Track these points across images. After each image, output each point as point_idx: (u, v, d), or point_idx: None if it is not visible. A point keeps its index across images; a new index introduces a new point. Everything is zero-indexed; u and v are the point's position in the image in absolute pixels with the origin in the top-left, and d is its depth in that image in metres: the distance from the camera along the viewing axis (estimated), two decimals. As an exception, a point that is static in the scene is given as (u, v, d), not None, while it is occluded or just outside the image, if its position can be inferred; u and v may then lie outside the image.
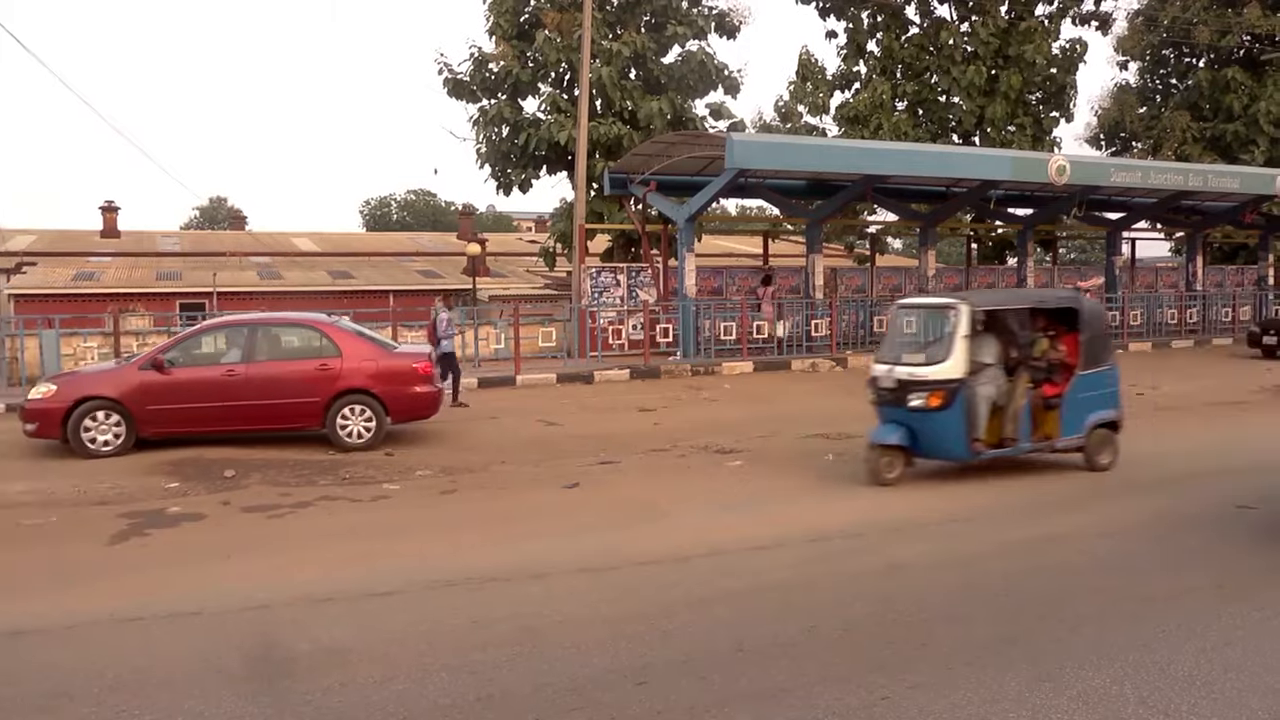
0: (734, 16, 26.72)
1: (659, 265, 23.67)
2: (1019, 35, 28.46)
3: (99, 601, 6.04)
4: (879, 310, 23.97)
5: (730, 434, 12.19)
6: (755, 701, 4.49)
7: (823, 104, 29.71)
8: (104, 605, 5.94)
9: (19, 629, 5.56)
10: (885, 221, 29.93)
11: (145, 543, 7.60)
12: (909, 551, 7.07)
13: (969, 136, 29.65)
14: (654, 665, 4.90)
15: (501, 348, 20.45)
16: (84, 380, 11.50)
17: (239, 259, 38.46)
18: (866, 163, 21.09)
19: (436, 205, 74.35)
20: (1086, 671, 4.75)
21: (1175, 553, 7.02)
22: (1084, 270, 30.50)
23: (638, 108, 24.86)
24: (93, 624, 5.64)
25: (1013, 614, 5.67)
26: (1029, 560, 6.83)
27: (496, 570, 6.58)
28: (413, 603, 5.96)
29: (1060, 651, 5.03)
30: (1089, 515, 8.11)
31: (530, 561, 6.79)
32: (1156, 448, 11.11)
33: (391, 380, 11.79)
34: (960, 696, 4.48)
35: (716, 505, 8.73)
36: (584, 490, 9.29)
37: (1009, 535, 7.54)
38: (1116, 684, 4.61)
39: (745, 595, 6.07)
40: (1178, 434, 12.31)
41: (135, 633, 5.53)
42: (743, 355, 20.86)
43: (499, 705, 4.46)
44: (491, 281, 36.59)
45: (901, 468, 9.26)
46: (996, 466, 9.63)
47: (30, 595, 6.27)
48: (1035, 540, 7.37)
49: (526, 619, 5.59)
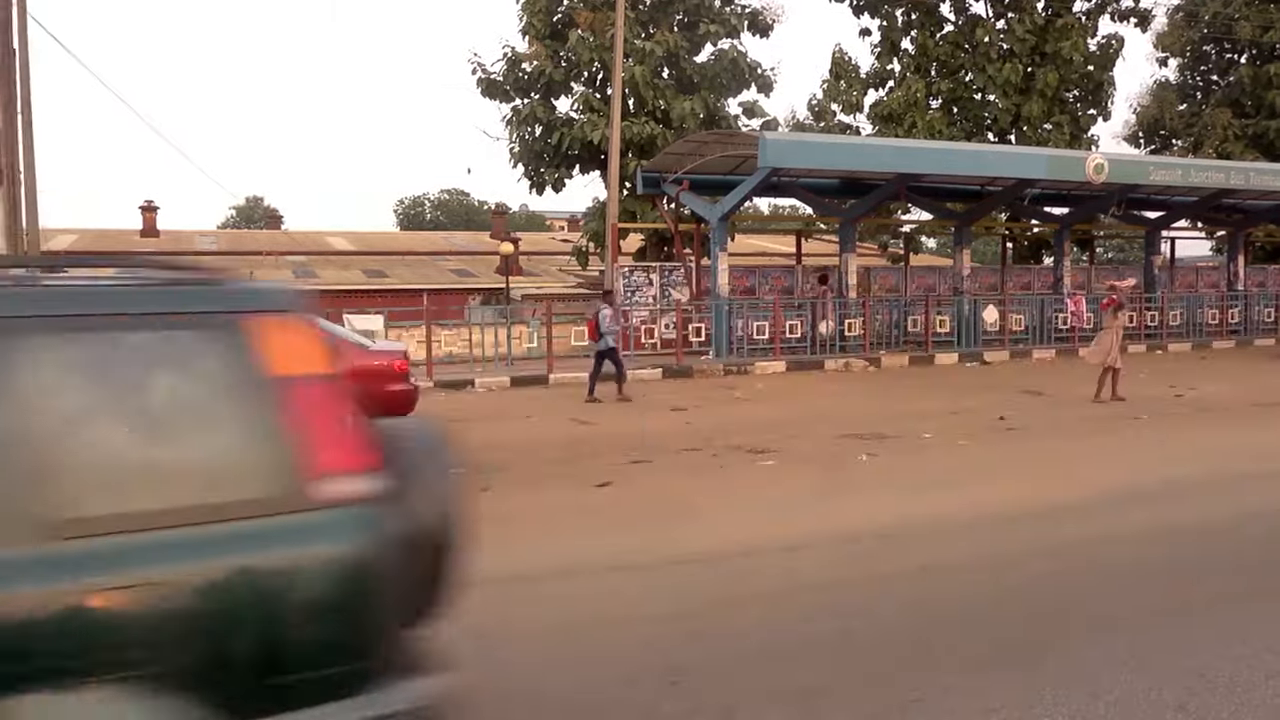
0: (767, 15, 26.70)
1: (691, 264, 23.67)
2: (1056, 32, 28.14)
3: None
4: (913, 310, 23.81)
5: (763, 433, 12.16)
6: (787, 701, 4.48)
7: (856, 102, 29.57)
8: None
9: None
10: (919, 221, 29.74)
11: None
12: (942, 552, 7.01)
13: (1005, 135, 29.37)
14: (686, 664, 4.90)
15: (535, 346, 20.53)
16: None
17: (275, 258, 38.90)
18: (900, 161, 20.97)
19: (470, 205, 74.78)
20: (1123, 676, 4.69)
21: (1215, 556, 6.92)
22: (1121, 270, 30.11)
23: (670, 107, 24.88)
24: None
25: (1047, 617, 5.61)
26: (1064, 562, 6.75)
27: (528, 569, 6.59)
28: (446, 600, 5.99)
29: (1096, 655, 4.97)
30: (1129, 517, 8.01)
31: (561, 560, 6.80)
32: (1199, 448, 10.97)
33: (366, 379, 11.76)
34: (994, 699, 4.44)
35: (749, 505, 8.71)
36: (616, 489, 9.30)
37: (1045, 537, 7.46)
38: (1155, 689, 4.54)
39: (777, 595, 6.05)
40: (1219, 435, 12.14)
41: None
42: (775, 355, 20.81)
43: (531, 703, 4.48)
44: (524, 280, 36.75)
45: None
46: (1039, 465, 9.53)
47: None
48: (1072, 542, 7.28)
49: (558, 617, 5.61)
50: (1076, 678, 4.67)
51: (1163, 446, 11.41)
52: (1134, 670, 4.75)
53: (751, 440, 11.72)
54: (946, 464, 10.47)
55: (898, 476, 9.87)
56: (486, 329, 20.29)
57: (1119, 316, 15.12)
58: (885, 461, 10.54)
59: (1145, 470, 9.91)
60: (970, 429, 12.48)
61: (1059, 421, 13.05)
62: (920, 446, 11.43)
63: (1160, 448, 11.33)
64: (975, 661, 4.91)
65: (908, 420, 13.19)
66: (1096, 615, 5.60)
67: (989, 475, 9.80)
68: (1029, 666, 4.83)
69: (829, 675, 4.79)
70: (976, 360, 22.03)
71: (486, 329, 20.29)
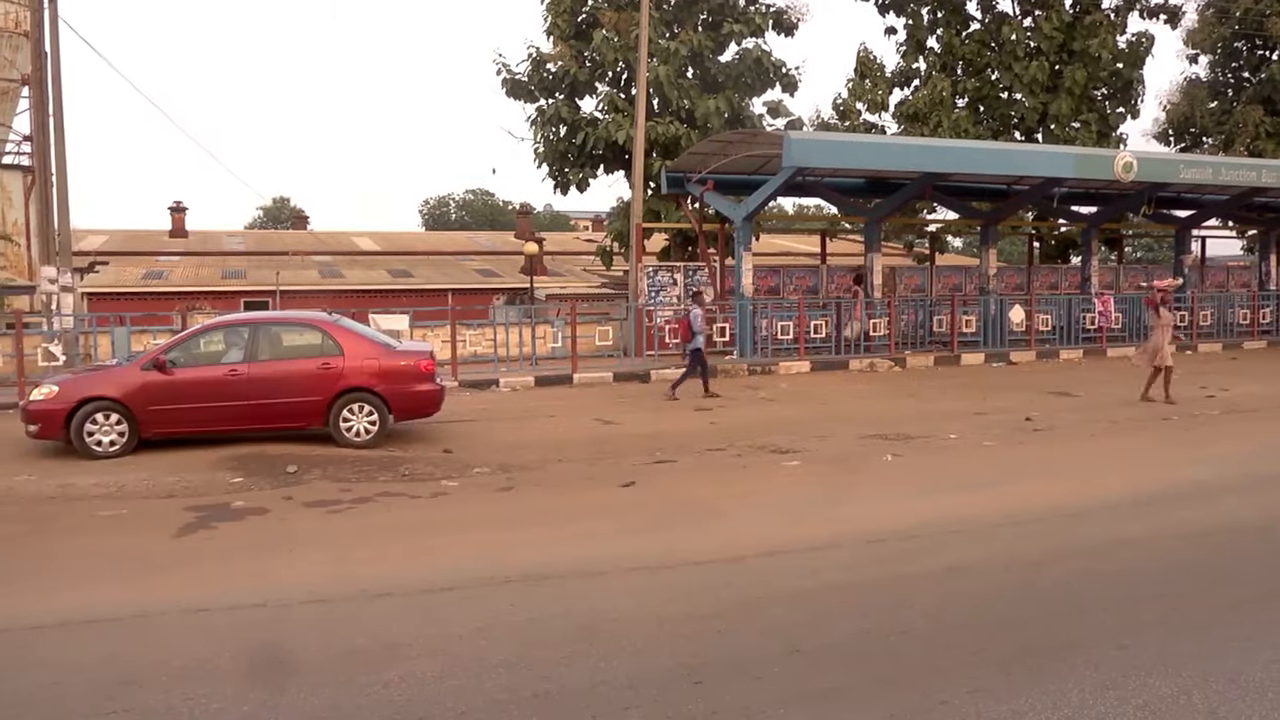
0: (792, 14, 26.62)
1: (716, 264, 23.64)
2: (1084, 29, 27.87)
3: (166, 592, 6.20)
4: (939, 310, 23.69)
5: (787, 434, 12.13)
6: (811, 703, 4.46)
7: (881, 101, 29.39)
8: (171, 595, 6.10)
9: (91, 617, 5.72)
10: (945, 220, 29.55)
11: (211, 535, 7.78)
12: (967, 554, 6.98)
13: (1031, 133, 29.13)
14: (709, 665, 4.89)
15: (559, 346, 20.57)
16: (86, 381, 11.43)
17: (301, 258, 39.16)
18: (926, 160, 20.85)
19: (494, 205, 75.01)
20: (1152, 680, 4.64)
21: (1246, 559, 6.84)
22: (1150, 269, 29.78)
23: (695, 106, 24.86)
24: (160, 614, 5.78)
25: (1074, 619, 5.57)
26: (1092, 564, 6.69)
27: (553, 568, 6.62)
28: (470, 599, 6.03)
29: (1124, 659, 4.93)
30: (1158, 519, 7.93)
31: (586, 560, 6.82)
32: (1228, 450, 10.85)
33: (394, 379, 11.82)
34: (1020, 703, 4.41)
35: (772, 505, 8.69)
36: (640, 489, 9.30)
37: (1072, 538, 7.40)
38: (1184, 694, 4.50)
39: (801, 596, 6.03)
40: (1250, 437, 11.99)
41: (201, 623, 5.66)
42: (800, 355, 20.76)
43: (556, 702, 4.49)
44: (549, 280, 36.82)
45: None
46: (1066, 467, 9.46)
47: (102, 584, 6.45)
48: (1100, 544, 7.22)
49: (583, 617, 5.62)
50: (1104, 681, 4.63)
51: (1192, 448, 11.29)
52: (1163, 674, 4.70)
53: (775, 440, 11.70)
54: (972, 465, 10.42)
55: (923, 477, 9.82)
56: (511, 329, 20.32)
57: (1161, 314, 14.94)
58: (910, 462, 10.49)
59: (1174, 472, 9.81)
60: (996, 430, 12.40)
61: (1087, 423, 12.94)
62: (946, 447, 11.37)
63: (1190, 449, 11.21)
64: (1001, 664, 4.88)
65: (933, 421, 13.12)
66: (1125, 618, 5.55)
67: (1015, 476, 9.74)
68: (1056, 669, 4.79)
69: (852, 677, 4.77)
70: (1003, 360, 21.88)
71: (511, 329, 20.32)
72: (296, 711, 4.43)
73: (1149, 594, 6.04)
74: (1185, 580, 6.34)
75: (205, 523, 8.12)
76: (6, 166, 33.77)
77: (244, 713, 4.41)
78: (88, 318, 21.00)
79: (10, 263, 31.75)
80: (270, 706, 4.48)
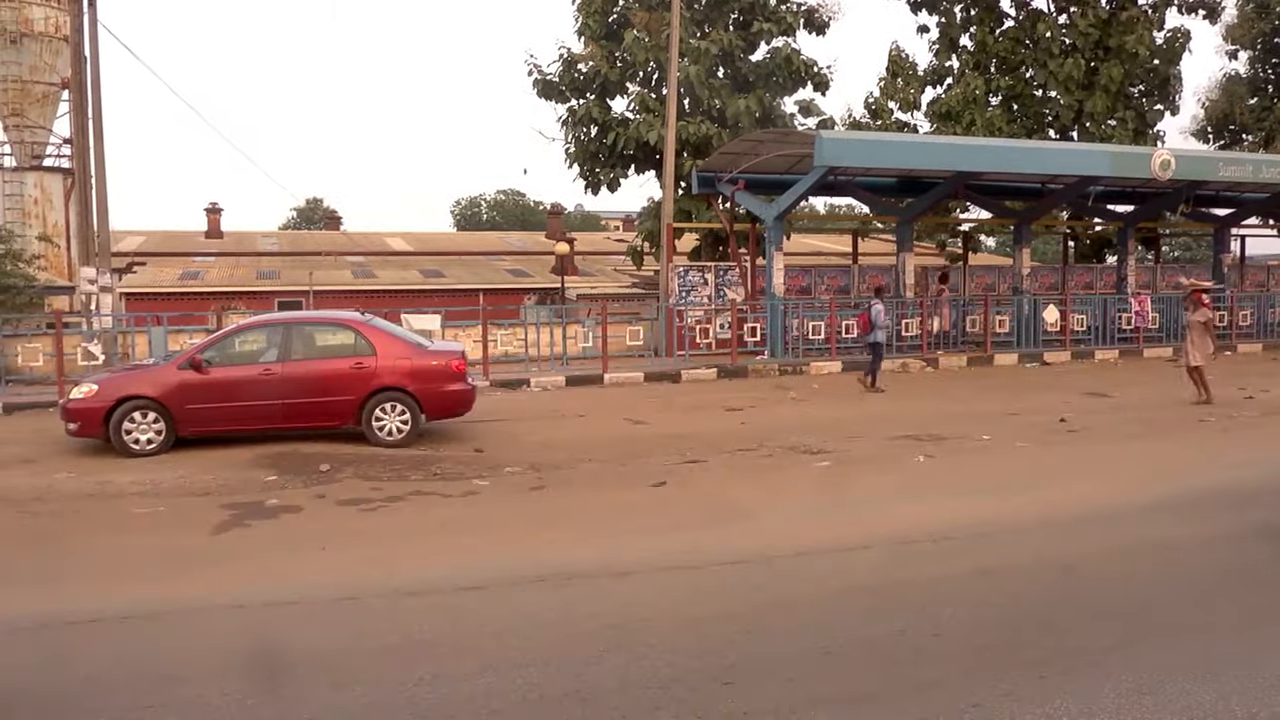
0: (823, 12, 26.51)
1: (747, 264, 23.58)
2: (1120, 25, 27.50)
3: (204, 588, 6.27)
4: (972, 310, 23.50)
5: (818, 434, 12.08)
6: (841, 705, 4.45)
7: (914, 100, 29.17)
8: (207, 592, 6.17)
9: (129, 613, 5.80)
10: (978, 219, 29.29)
11: (246, 533, 7.87)
12: (1001, 556, 6.92)
13: (1066, 132, 28.79)
14: (740, 665, 4.89)
15: (589, 346, 20.60)
16: (124, 380, 11.58)
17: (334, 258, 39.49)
18: (959, 159, 20.70)
19: (525, 205, 75.22)
20: (1190, 685, 4.58)
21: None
22: (1188, 269, 29.37)
23: (726, 106, 24.82)
24: (198, 610, 5.86)
25: (1110, 621, 5.50)
26: (1128, 567, 6.61)
27: (584, 567, 6.63)
28: (502, 598, 6.05)
29: (1161, 663, 4.86)
30: (1196, 522, 7.83)
31: (617, 559, 6.83)
32: (1268, 452, 10.69)
33: (426, 378, 11.87)
34: (1054, 706, 4.36)
35: (803, 506, 8.67)
36: (670, 489, 9.30)
37: (1108, 540, 7.31)
38: (1223, 700, 4.43)
39: (832, 597, 6.01)
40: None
41: (236, 619, 5.73)
42: (831, 355, 20.66)
43: (586, 701, 4.50)
44: (579, 280, 36.88)
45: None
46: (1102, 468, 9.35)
47: (141, 581, 6.54)
48: (1136, 546, 7.13)
49: (614, 616, 5.63)
50: (1141, 686, 4.58)
51: (1230, 450, 11.12)
52: (1201, 679, 4.64)
53: (806, 440, 11.66)
54: (1005, 466, 10.33)
55: (955, 478, 9.76)
56: (542, 329, 20.38)
57: (1197, 313, 14.83)
58: (943, 463, 10.41)
59: (1211, 474, 9.67)
60: (1030, 431, 12.27)
61: (1122, 424, 12.79)
62: (978, 448, 11.28)
63: (1228, 451, 11.05)
64: (1036, 667, 4.83)
65: (965, 422, 13.02)
66: (1162, 622, 5.48)
67: (1049, 478, 9.64)
68: (1092, 673, 4.74)
69: (884, 680, 4.75)
70: (1036, 361, 21.66)
71: (542, 329, 20.38)
72: (330, 708, 4.47)
73: (1186, 598, 5.96)
74: (1224, 584, 6.25)
75: (240, 520, 8.22)
76: (47, 169, 34.44)
77: (278, 709, 4.46)
78: (126, 317, 21.31)
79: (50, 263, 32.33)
80: (304, 702, 4.52)
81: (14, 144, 34.18)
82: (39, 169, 34.14)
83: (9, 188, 33.05)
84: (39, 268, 28.31)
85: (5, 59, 33.13)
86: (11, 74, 33.30)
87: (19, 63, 33.27)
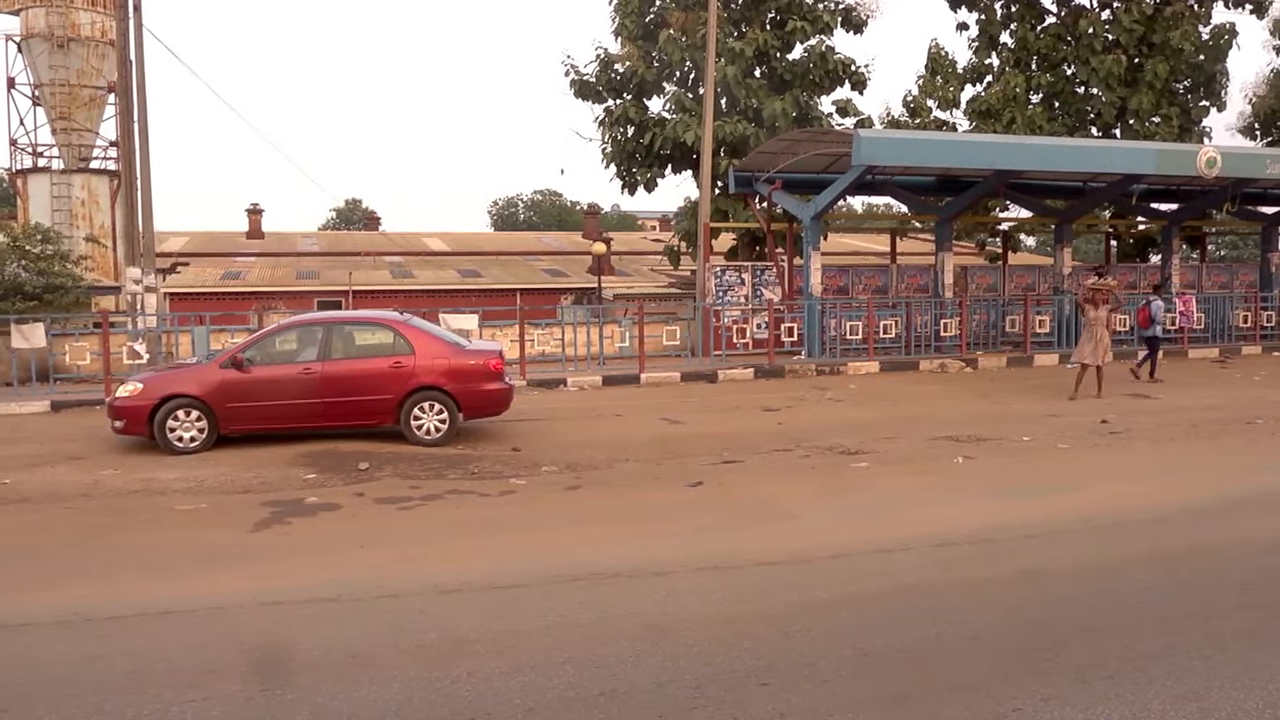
0: (860, 11, 26.32)
1: (784, 264, 23.48)
2: (1165, 21, 27.05)
3: (243, 585, 6.35)
4: (1011, 310, 23.24)
5: (855, 435, 12.01)
6: (879, 708, 4.41)
7: (953, 98, 28.88)
8: (248, 589, 6.25)
9: (171, 609, 5.89)
10: (1018, 218, 28.95)
11: (286, 531, 7.96)
12: (1043, 558, 6.84)
13: (1109, 129, 28.37)
14: (776, 667, 4.87)
15: (626, 346, 20.61)
16: (169, 379, 11.73)
17: (373, 258, 39.84)
18: (998, 158, 20.49)
19: (562, 205, 75.47)
20: (1236, 693, 4.50)
21: (1336, 569, 6.59)
22: (1234, 268, 28.82)
23: (762, 106, 24.73)
24: (238, 606, 5.93)
25: (1155, 627, 5.41)
26: (1172, 571, 6.51)
27: (620, 567, 6.64)
28: (538, 596, 6.07)
29: (1207, 669, 4.78)
30: (1241, 526, 7.69)
31: (654, 559, 6.83)
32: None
33: (464, 377, 11.92)
34: (1097, 712, 4.30)
35: (841, 507, 8.62)
36: (707, 489, 9.29)
37: (1151, 544, 7.20)
38: (1270, 708, 4.35)
39: (870, 599, 5.97)
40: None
41: (277, 616, 5.80)
42: (869, 355, 20.53)
43: (623, 700, 4.50)
44: (616, 280, 36.93)
45: None
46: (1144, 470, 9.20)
47: (182, 577, 6.64)
48: (1180, 551, 7.01)
49: (650, 616, 5.63)
50: (1185, 693, 4.50)
51: (1277, 453, 10.91)
52: (1245, 687, 4.56)
53: (844, 441, 11.59)
54: (1046, 467, 10.20)
55: (995, 479, 9.66)
56: (578, 328, 20.41)
57: (1097, 311, 15.48)
58: (982, 464, 10.32)
59: (1257, 477, 9.51)
60: (1070, 432, 12.12)
61: (1165, 426, 12.59)
62: (1019, 449, 11.16)
63: (1274, 454, 10.85)
64: (1077, 672, 4.77)
65: (1005, 422, 12.88)
66: (1208, 628, 5.38)
67: (1090, 480, 9.51)
68: (1135, 679, 4.67)
69: (922, 682, 4.70)
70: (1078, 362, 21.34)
71: (578, 328, 20.41)
72: (368, 704, 4.50)
73: (1233, 603, 5.85)
74: (1271, 590, 6.13)
75: (280, 518, 8.31)
76: (94, 171, 35.10)
77: (317, 704, 4.50)
78: (169, 317, 21.63)
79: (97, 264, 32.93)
80: (344, 699, 4.56)
81: (62, 147, 34.87)
82: (86, 171, 34.80)
83: (57, 190, 33.71)
84: (86, 268, 28.86)
85: (53, 63, 33.81)
86: (59, 78, 33.98)
87: (66, 67, 33.94)
